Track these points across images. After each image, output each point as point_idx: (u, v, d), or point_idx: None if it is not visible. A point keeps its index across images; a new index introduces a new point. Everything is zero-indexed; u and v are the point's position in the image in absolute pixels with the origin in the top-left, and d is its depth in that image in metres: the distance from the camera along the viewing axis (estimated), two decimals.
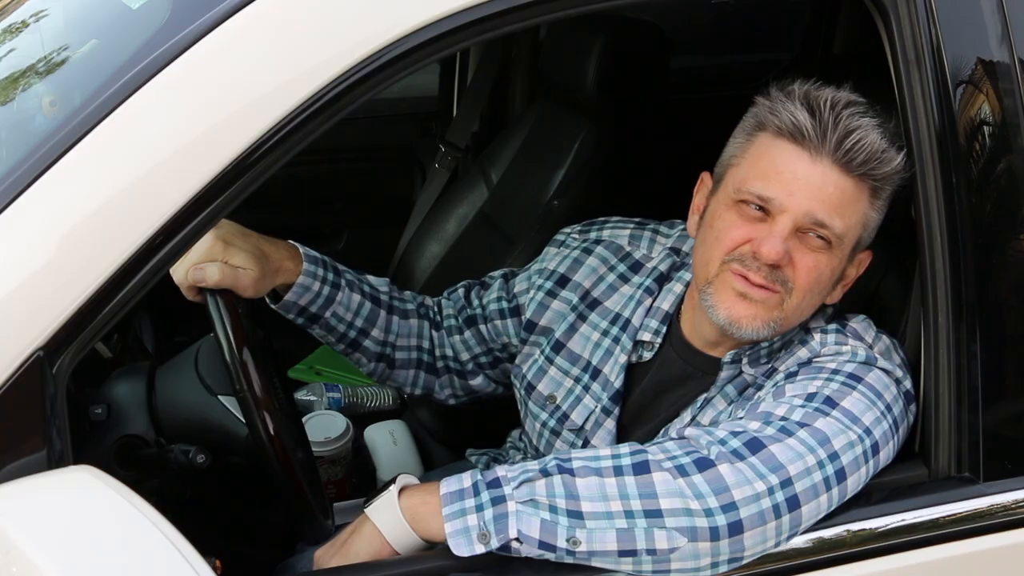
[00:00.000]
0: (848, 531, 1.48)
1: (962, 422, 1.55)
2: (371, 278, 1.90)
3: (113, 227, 1.27)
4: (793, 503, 1.38)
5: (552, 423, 1.79)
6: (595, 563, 1.37)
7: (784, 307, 1.54)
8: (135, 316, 2.25)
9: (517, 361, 1.87)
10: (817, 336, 1.59)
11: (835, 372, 1.52)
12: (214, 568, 1.26)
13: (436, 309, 1.96)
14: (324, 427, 2.44)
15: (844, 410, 1.46)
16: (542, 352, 1.82)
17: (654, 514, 1.33)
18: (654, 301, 1.75)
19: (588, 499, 1.35)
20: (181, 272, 1.59)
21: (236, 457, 1.67)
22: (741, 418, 1.48)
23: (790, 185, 1.51)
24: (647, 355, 1.73)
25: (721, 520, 1.33)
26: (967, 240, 1.53)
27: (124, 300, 1.29)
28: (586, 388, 1.76)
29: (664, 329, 1.72)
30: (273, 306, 1.78)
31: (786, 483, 1.37)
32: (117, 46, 1.60)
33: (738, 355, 1.62)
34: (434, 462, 2.49)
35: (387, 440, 2.55)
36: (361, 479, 2.50)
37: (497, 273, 1.97)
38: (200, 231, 1.32)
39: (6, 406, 1.25)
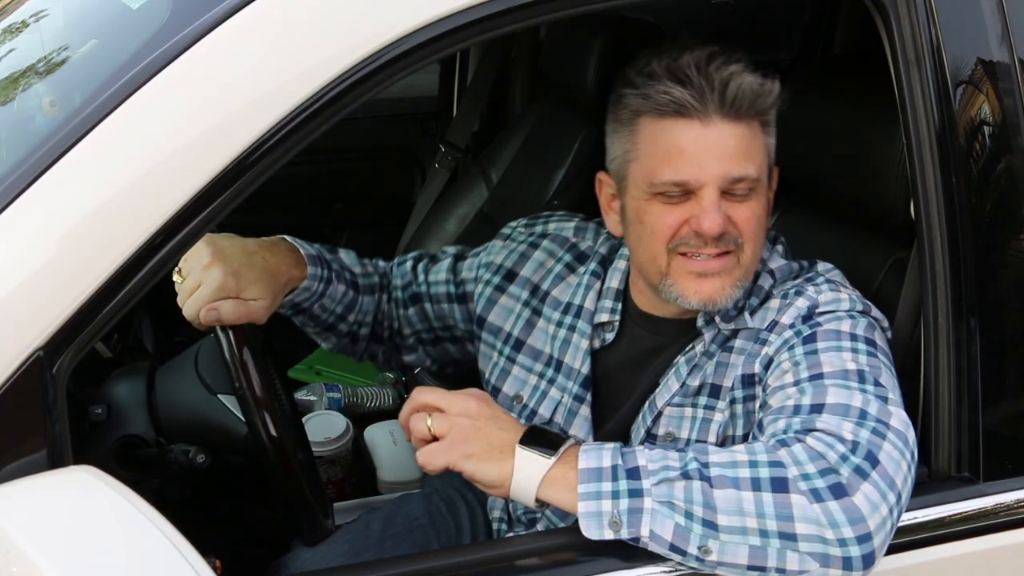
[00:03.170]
0: None
1: (962, 422, 1.55)
2: (345, 257, 1.89)
3: (113, 227, 1.27)
4: (902, 510, 1.40)
5: (522, 423, 1.78)
6: (720, 572, 1.36)
7: (742, 261, 1.57)
8: (135, 316, 2.25)
9: (480, 364, 1.87)
10: (810, 288, 1.60)
11: (853, 338, 1.52)
12: (214, 568, 1.26)
13: (388, 279, 1.97)
14: (324, 427, 2.44)
15: (881, 386, 1.47)
16: (501, 353, 1.82)
17: (789, 537, 1.32)
18: (603, 283, 1.75)
19: (724, 512, 1.34)
20: (193, 310, 1.57)
21: (236, 456, 1.68)
22: (815, 408, 1.43)
23: (696, 158, 1.52)
24: (609, 336, 1.73)
25: (855, 551, 1.32)
26: (967, 240, 1.53)
27: (124, 300, 1.28)
28: (551, 381, 1.76)
29: (619, 306, 1.73)
30: None
31: (898, 497, 1.37)
32: (117, 46, 1.60)
33: (709, 315, 1.63)
34: None
35: (387, 440, 2.55)
36: (361, 479, 2.50)
37: (451, 249, 1.97)
38: (200, 231, 1.32)
39: (6, 406, 1.25)
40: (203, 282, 1.57)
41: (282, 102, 1.30)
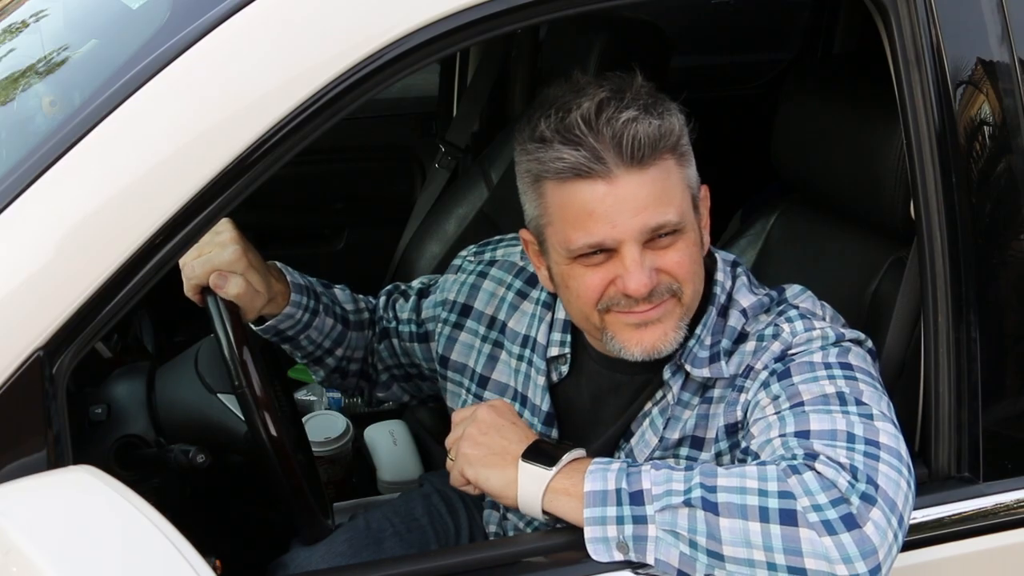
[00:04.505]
0: None
1: (962, 422, 1.55)
2: (339, 293, 1.90)
3: (113, 227, 1.27)
4: (906, 530, 1.37)
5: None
6: None
7: (683, 302, 1.52)
8: (135, 316, 2.25)
9: (448, 402, 1.85)
10: (785, 326, 1.55)
11: (827, 366, 1.49)
12: (214, 568, 1.26)
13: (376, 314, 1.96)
14: (324, 427, 2.44)
15: (863, 404, 1.44)
16: (468, 391, 1.79)
17: (798, 571, 1.30)
18: (553, 314, 1.70)
19: (731, 543, 1.32)
20: (200, 271, 1.59)
21: (236, 455, 1.68)
22: (800, 435, 1.41)
23: (608, 218, 1.44)
24: (564, 369, 1.69)
25: None
26: (967, 240, 1.53)
27: (124, 300, 1.29)
28: (519, 416, 1.71)
29: (569, 338, 1.68)
30: (251, 325, 1.76)
31: (900, 520, 1.35)
32: (117, 46, 1.60)
33: (675, 364, 1.57)
34: (434, 462, 2.50)
35: (387, 440, 2.56)
36: (361, 479, 2.51)
37: (416, 283, 1.95)
38: (200, 231, 1.32)
39: (6, 406, 1.25)
40: (217, 251, 1.60)
41: (282, 102, 1.30)
